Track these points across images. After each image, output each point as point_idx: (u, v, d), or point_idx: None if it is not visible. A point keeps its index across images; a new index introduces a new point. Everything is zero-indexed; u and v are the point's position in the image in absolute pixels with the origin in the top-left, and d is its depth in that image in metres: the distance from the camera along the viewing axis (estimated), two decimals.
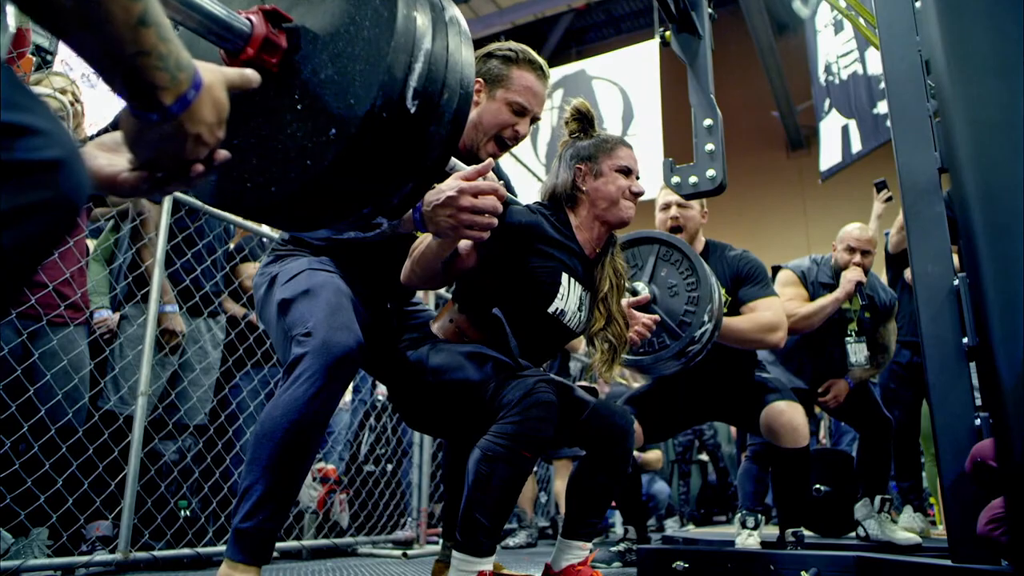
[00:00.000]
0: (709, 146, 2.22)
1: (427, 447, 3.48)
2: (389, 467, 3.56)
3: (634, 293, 2.17)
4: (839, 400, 3.10)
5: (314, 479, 3.01)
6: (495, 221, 1.38)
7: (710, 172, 2.20)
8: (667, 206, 2.66)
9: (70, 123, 2.44)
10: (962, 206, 1.73)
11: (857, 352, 3.13)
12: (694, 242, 2.62)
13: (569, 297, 1.64)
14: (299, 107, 0.89)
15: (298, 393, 1.42)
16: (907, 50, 2.13)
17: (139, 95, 0.63)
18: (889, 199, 4.09)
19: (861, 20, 3.37)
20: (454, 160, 1.47)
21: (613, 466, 1.68)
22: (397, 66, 0.85)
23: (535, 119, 1.75)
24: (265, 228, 3.46)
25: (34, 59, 3.65)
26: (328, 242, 1.70)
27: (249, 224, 3.00)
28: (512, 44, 1.77)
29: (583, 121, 1.80)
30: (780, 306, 2.52)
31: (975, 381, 1.88)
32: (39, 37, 4.38)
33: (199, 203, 2.61)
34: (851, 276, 3.05)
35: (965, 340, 1.85)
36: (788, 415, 2.37)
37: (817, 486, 3.37)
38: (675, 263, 2.28)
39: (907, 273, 3.72)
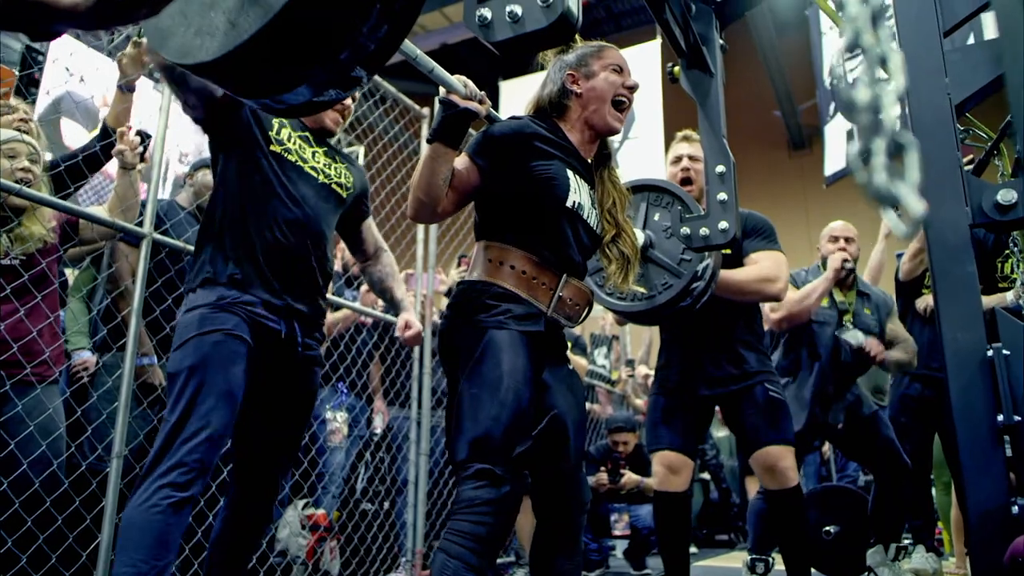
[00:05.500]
0: (722, 195, 2.06)
1: (422, 485, 3.35)
2: (386, 504, 3.43)
3: None
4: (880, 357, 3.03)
5: (304, 527, 2.88)
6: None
7: (722, 224, 2.05)
8: (678, 159, 2.58)
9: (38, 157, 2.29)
10: None
11: (854, 338, 3.05)
12: (702, 198, 2.45)
13: (580, 192, 1.67)
14: None
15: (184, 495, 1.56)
16: (935, 94, 1.97)
17: None
18: None
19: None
20: (441, 71, 1.45)
21: (569, 544, 1.59)
22: None
23: None
24: None
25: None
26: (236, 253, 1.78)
27: None
28: None
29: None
30: (783, 260, 2.47)
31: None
32: None
33: (180, 244, 2.47)
34: (836, 257, 3.09)
35: (1000, 417, 1.72)
36: (774, 458, 2.32)
37: (827, 528, 3.26)
38: (666, 206, 2.23)
39: (918, 303, 3.58)
